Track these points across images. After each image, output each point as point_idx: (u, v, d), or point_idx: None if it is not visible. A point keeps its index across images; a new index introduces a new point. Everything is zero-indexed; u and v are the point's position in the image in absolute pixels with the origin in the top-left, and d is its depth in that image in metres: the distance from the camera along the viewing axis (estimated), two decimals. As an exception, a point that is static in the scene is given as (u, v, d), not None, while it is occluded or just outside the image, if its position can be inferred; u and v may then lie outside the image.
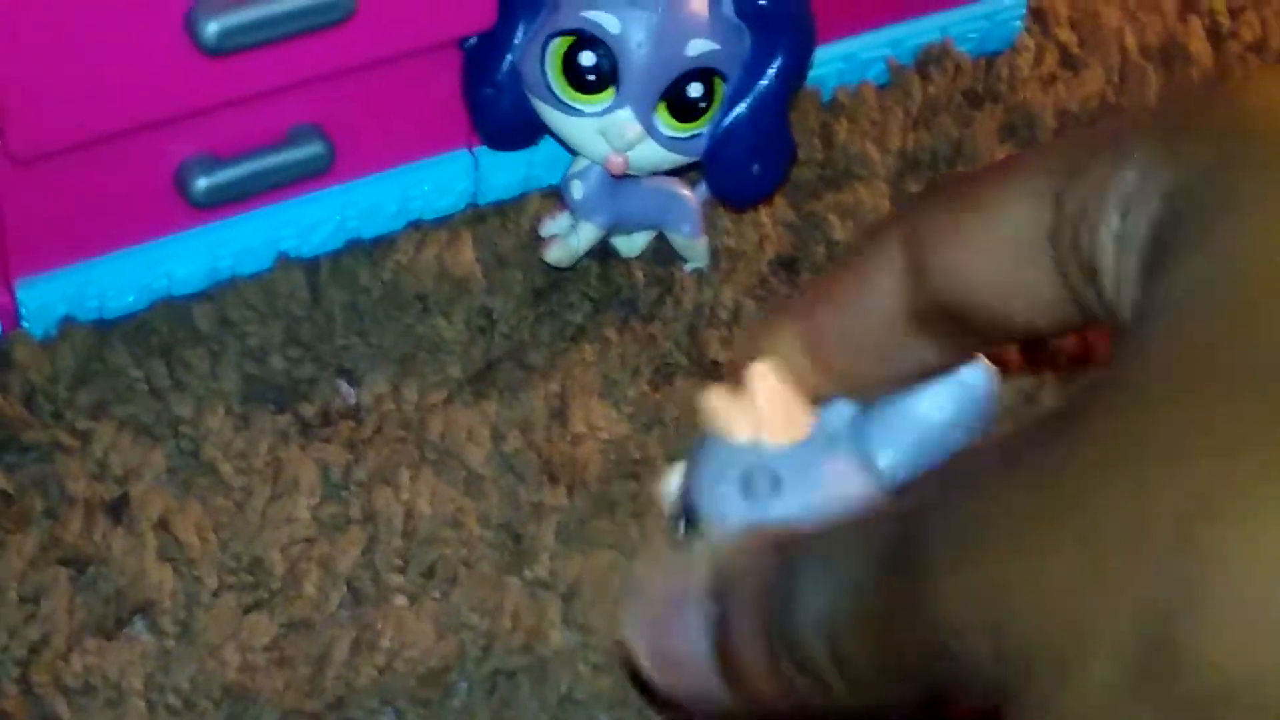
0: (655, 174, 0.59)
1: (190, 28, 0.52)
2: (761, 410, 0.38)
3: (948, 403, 0.37)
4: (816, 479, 0.38)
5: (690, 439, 0.50)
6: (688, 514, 0.39)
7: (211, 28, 0.52)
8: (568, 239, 0.59)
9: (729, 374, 0.39)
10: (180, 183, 0.56)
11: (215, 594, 0.52)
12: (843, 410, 0.38)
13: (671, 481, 0.42)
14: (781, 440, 0.38)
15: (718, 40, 0.56)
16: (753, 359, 0.38)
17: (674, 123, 0.56)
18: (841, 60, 0.65)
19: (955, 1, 0.67)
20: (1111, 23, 0.69)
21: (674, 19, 0.55)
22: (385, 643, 0.51)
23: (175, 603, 0.52)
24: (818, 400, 0.38)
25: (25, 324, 0.57)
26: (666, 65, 0.56)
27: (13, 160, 0.53)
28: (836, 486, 0.38)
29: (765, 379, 0.38)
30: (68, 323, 0.57)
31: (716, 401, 0.39)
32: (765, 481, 0.39)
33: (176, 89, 0.53)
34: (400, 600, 0.53)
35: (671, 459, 0.52)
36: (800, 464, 0.38)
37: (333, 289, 0.59)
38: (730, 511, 0.38)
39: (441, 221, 0.61)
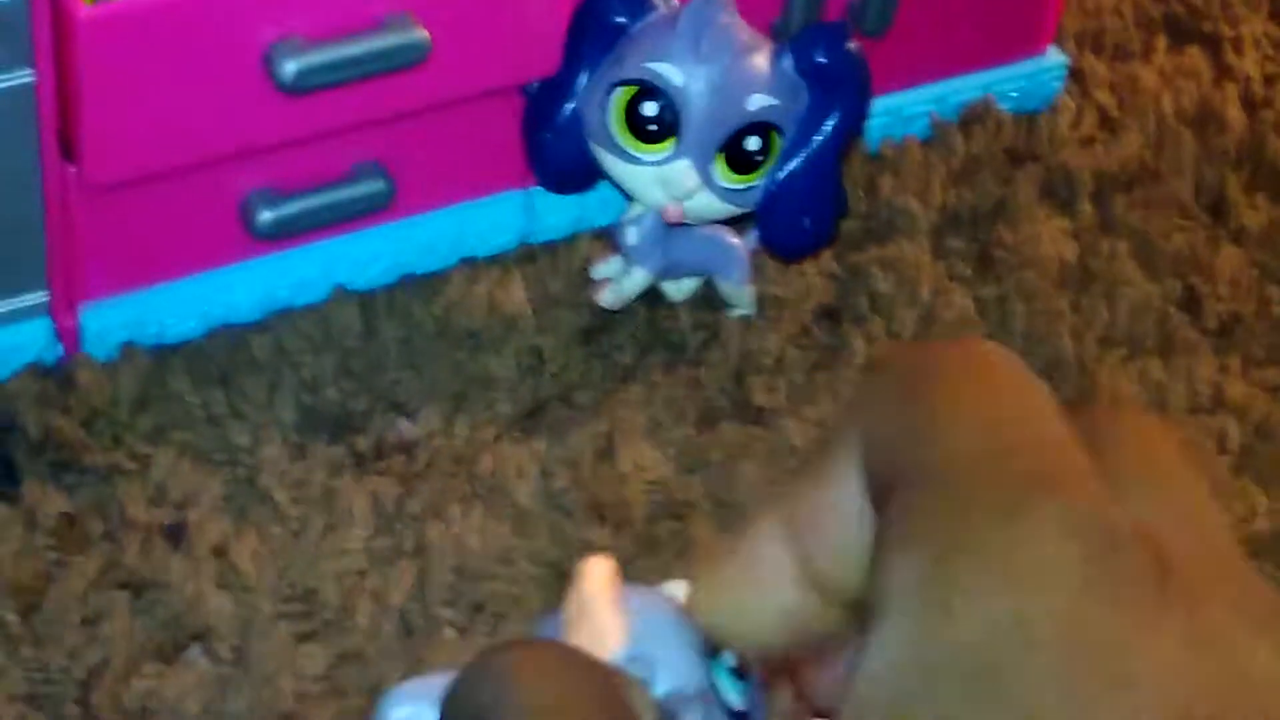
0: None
1: (268, 66, 0.53)
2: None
3: None
4: None
5: (729, 486, 0.52)
6: None
7: (290, 67, 0.53)
8: (620, 282, 0.60)
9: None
10: (245, 214, 0.57)
11: (270, 622, 0.53)
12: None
13: None
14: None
15: (777, 95, 0.57)
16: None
17: (731, 174, 0.58)
18: (886, 114, 0.67)
19: (998, 60, 0.68)
20: (1149, 86, 0.70)
21: (736, 74, 0.57)
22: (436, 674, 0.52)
23: (231, 630, 0.53)
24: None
25: (87, 348, 0.57)
26: (727, 119, 0.57)
27: (86, 188, 0.54)
28: None
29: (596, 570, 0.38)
30: (129, 347, 0.58)
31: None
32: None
33: (250, 125, 0.54)
34: (449, 633, 0.54)
35: (712, 499, 0.53)
36: None
37: (386, 322, 0.60)
38: None
39: (493, 259, 0.62)
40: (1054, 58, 0.69)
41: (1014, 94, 0.69)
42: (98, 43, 0.51)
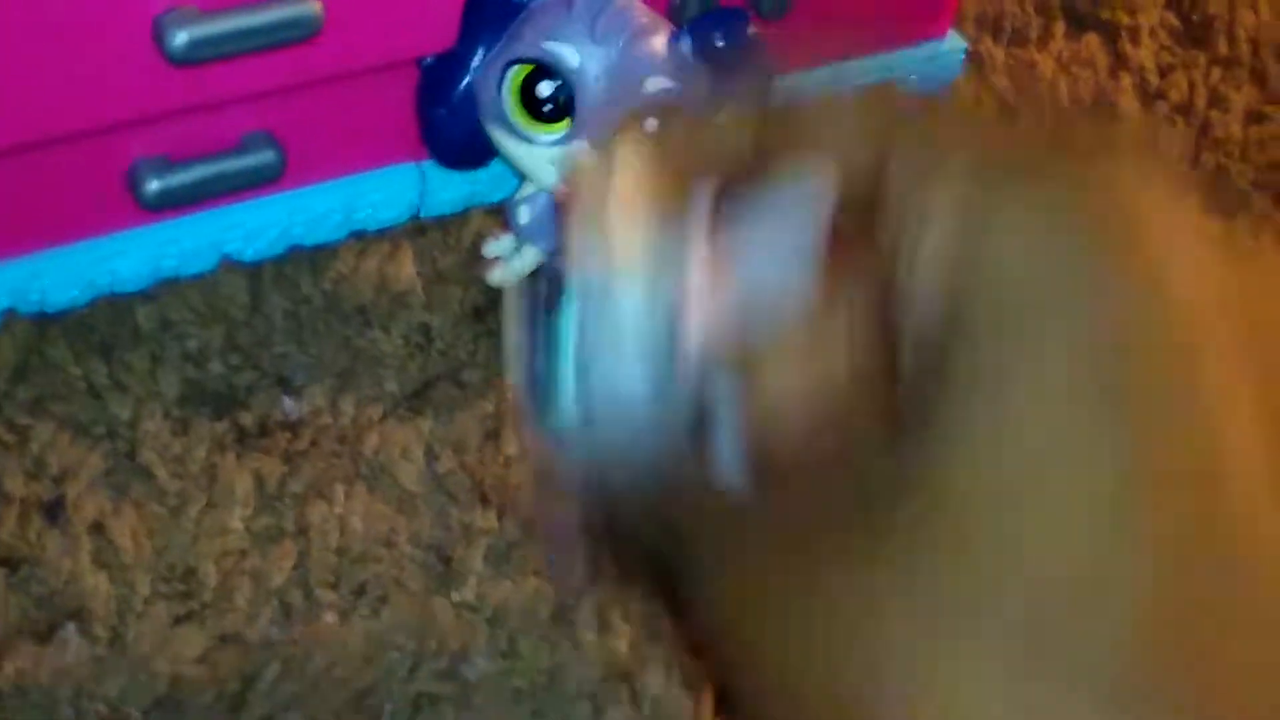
0: (601, 203, 0.60)
1: (159, 35, 0.52)
2: None
3: None
4: None
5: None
6: None
7: (180, 37, 0.52)
8: (511, 261, 0.60)
9: None
10: (132, 183, 0.56)
11: (147, 602, 0.52)
12: None
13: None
14: None
15: (675, 79, 0.57)
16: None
17: (626, 158, 0.57)
18: (785, 95, 0.66)
19: (899, 43, 0.68)
20: (1046, 73, 0.70)
21: (633, 56, 0.56)
22: (315, 661, 0.52)
23: (107, 609, 0.52)
24: None
25: (-34, 315, 0.56)
26: (623, 101, 0.56)
27: (-32, 155, 0.53)
28: None
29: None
30: (9, 315, 0.57)
31: None
32: None
33: (139, 93, 0.53)
34: (330, 617, 0.53)
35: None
36: None
37: (274, 295, 0.59)
38: None
39: (384, 233, 0.62)
40: (954, 42, 0.69)
41: (914, 77, 0.68)
42: (-18, 8, 0.50)
